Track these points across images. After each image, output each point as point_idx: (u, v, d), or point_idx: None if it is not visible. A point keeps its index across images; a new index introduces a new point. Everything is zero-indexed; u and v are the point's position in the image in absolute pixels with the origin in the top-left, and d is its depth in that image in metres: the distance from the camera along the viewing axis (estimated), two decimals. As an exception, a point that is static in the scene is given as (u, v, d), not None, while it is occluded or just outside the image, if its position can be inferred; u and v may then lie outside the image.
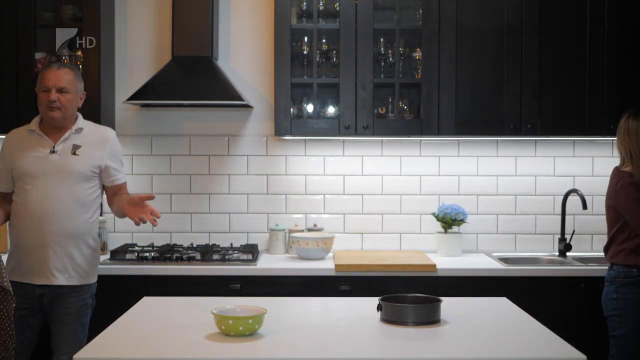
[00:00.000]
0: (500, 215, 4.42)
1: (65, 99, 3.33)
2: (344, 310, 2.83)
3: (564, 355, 2.28)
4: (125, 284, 3.78)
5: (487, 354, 2.29)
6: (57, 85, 3.32)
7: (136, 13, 4.40)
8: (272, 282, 3.83)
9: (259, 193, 4.41)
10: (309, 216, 4.41)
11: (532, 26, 4.07)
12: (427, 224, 4.40)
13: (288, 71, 4.09)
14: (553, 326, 2.64)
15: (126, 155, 4.37)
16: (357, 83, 4.08)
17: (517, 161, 4.42)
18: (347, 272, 3.83)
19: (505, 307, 2.91)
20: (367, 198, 4.42)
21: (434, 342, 2.43)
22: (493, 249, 4.38)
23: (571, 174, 4.41)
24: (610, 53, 4.07)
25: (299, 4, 4.24)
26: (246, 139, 4.41)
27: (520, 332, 2.57)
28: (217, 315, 2.41)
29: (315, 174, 4.41)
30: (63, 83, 3.33)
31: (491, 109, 4.10)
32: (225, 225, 4.39)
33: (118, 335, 2.45)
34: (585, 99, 4.08)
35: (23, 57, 4.04)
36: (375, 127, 4.10)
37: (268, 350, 2.31)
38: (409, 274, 3.83)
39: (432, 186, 4.41)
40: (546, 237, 4.40)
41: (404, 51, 4.19)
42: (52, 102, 3.30)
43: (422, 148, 4.42)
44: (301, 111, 4.25)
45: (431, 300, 2.68)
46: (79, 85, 3.43)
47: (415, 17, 4.21)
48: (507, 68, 4.08)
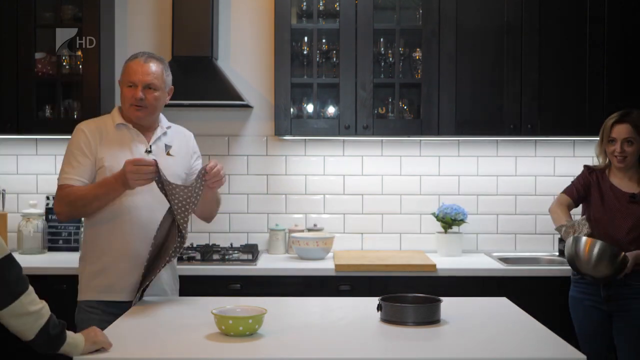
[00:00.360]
0: (500, 215, 4.42)
1: (152, 96, 2.93)
2: (344, 310, 2.83)
3: (564, 355, 2.28)
4: (125, 284, 3.79)
5: (487, 354, 2.29)
6: (145, 81, 2.91)
7: (136, 13, 4.40)
8: (272, 282, 3.83)
9: (259, 193, 4.41)
10: (309, 216, 4.41)
11: (532, 26, 4.07)
12: (427, 224, 4.40)
13: (288, 71, 4.09)
14: (553, 326, 2.64)
15: (126, 155, 4.38)
16: (357, 83, 4.08)
17: (517, 161, 4.42)
18: (347, 272, 3.83)
19: (505, 307, 2.91)
20: (367, 198, 4.42)
21: (434, 342, 2.43)
22: (493, 249, 4.38)
23: (571, 174, 4.39)
24: (610, 53, 4.07)
25: (299, 4, 4.24)
26: (246, 139, 4.41)
27: (520, 332, 2.56)
28: (217, 315, 2.41)
29: (315, 174, 4.41)
30: (151, 78, 2.92)
31: (491, 109, 4.10)
32: (225, 225, 4.39)
33: (118, 335, 2.44)
34: (585, 99, 4.08)
35: (23, 57, 4.04)
36: (375, 127, 4.10)
37: (268, 350, 2.31)
38: (409, 274, 3.83)
39: (432, 186, 4.41)
40: (546, 237, 4.40)
41: (404, 51, 4.20)
42: (139, 100, 2.91)
43: (422, 148, 4.42)
44: (301, 111, 4.25)
45: (431, 300, 2.68)
46: (168, 80, 3.01)
47: (415, 17, 4.21)
48: (507, 68, 4.08)
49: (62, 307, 2.91)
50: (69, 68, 4.13)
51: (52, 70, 4.12)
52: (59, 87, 4.15)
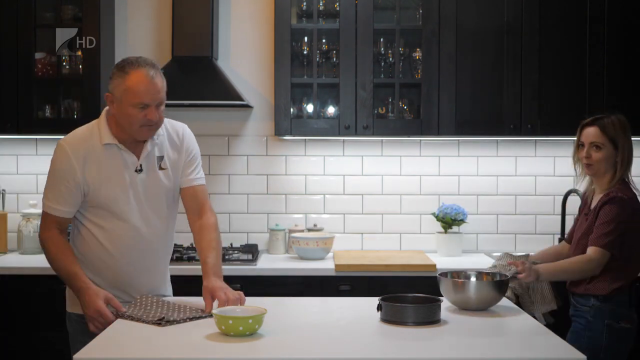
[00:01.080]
0: (500, 215, 4.42)
1: (161, 111, 2.70)
2: (344, 310, 2.82)
3: (564, 355, 2.28)
4: (125, 284, 3.79)
5: (487, 354, 2.29)
6: (157, 99, 2.66)
7: (136, 13, 4.40)
8: (272, 282, 3.83)
9: (259, 193, 4.41)
10: (309, 216, 4.41)
11: (532, 26, 4.07)
12: (427, 224, 4.40)
13: (288, 71, 4.09)
14: (553, 326, 2.64)
15: (126, 155, 4.38)
16: (357, 83, 4.08)
17: (517, 161, 4.42)
18: (347, 272, 3.83)
19: (506, 308, 2.91)
20: (367, 198, 4.42)
21: (434, 342, 2.43)
22: (493, 249, 4.38)
23: (571, 174, 4.35)
24: (610, 53, 4.07)
25: (299, 4, 4.24)
26: (246, 139, 4.41)
27: (520, 332, 2.56)
28: (217, 315, 2.41)
29: (315, 174, 4.41)
30: (162, 95, 2.68)
31: (491, 109, 4.10)
32: (225, 225, 4.39)
33: (118, 335, 2.44)
34: (585, 99, 4.08)
35: (23, 57, 4.04)
36: (375, 127, 4.10)
37: (268, 350, 2.31)
38: (409, 274, 3.83)
39: (432, 186, 4.41)
40: (546, 237, 4.40)
41: (404, 51, 4.20)
42: (153, 122, 2.67)
43: (422, 148, 4.42)
44: (301, 111, 4.25)
45: (431, 300, 2.68)
46: None
47: (415, 17, 4.21)
48: (507, 68, 4.08)
49: (62, 307, 2.92)
50: (69, 68, 4.13)
51: (52, 70, 4.12)
52: (59, 87, 4.15)
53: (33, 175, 4.39)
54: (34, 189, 4.38)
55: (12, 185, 4.38)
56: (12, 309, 3.82)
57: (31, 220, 4.18)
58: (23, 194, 4.38)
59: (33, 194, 4.36)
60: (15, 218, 4.29)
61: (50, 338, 3.77)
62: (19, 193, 4.39)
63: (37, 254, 4.17)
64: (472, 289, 2.79)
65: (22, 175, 4.40)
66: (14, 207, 4.37)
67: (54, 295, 3.80)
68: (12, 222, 4.30)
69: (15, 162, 4.40)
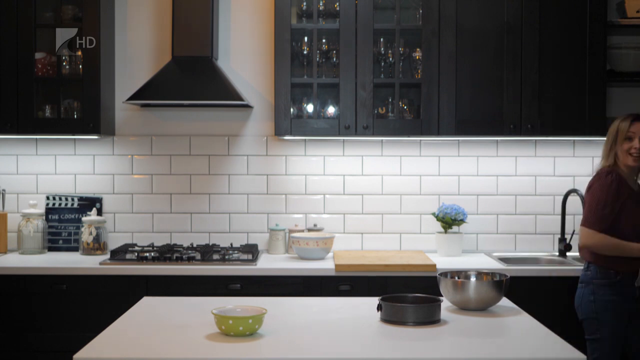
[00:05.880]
0: (500, 215, 4.42)
1: None
2: (344, 310, 2.83)
3: (564, 355, 2.28)
4: (125, 284, 3.79)
5: (487, 354, 2.30)
6: None
7: (136, 13, 4.40)
8: (272, 282, 3.83)
9: (259, 193, 4.41)
10: (309, 216, 4.41)
11: (532, 26, 4.07)
12: (427, 224, 4.40)
13: (288, 71, 4.09)
14: (553, 326, 2.64)
15: (126, 156, 4.38)
16: (357, 83, 4.08)
17: (517, 161, 4.42)
18: (347, 272, 3.83)
19: (506, 307, 2.91)
20: (367, 198, 4.42)
21: (434, 342, 2.43)
22: (493, 249, 4.38)
23: (571, 174, 4.41)
24: (610, 53, 4.07)
25: (299, 4, 4.24)
26: (246, 139, 4.41)
27: (520, 332, 2.57)
28: (217, 315, 2.41)
29: (315, 174, 4.41)
30: None
31: (491, 109, 4.10)
32: (225, 225, 4.40)
33: (118, 335, 2.45)
34: (585, 99, 4.08)
35: (23, 57, 4.04)
36: (375, 127, 4.10)
37: (268, 350, 2.31)
38: (409, 274, 3.83)
39: (432, 186, 4.42)
40: (546, 237, 4.40)
41: (404, 51, 4.20)
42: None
43: (422, 148, 4.42)
44: (301, 111, 4.25)
45: (431, 300, 2.68)
46: None
47: (415, 17, 4.21)
48: (507, 68, 4.08)
49: (62, 307, 2.93)
50: (69, 68, 4.13)
51: (52, 70, 4.12)
52: (59, 87, 4.15)
53: (33, 175, 4.39)
54: (34, 189, 4.38)
55: (12, 185, 4.39)
56: (12, 309, 3.83)
57: (31, 220, 4.18)
58: (23, 194, 4.38)
59: (33, 194, 4.36)
60: (15, 218, 4.30)
61: (50, 338, 3.78)
62: (19, 193, 4.39)
63: (37, 254, 4.18)
64: (472, 289, 2.80)
65: (22, 175, 4.40)
66: (14, 207, 4.37)
67: (54, 295, 3.81)
68: (12, 222, 4.30)
69: (15, 162, 4.40)
